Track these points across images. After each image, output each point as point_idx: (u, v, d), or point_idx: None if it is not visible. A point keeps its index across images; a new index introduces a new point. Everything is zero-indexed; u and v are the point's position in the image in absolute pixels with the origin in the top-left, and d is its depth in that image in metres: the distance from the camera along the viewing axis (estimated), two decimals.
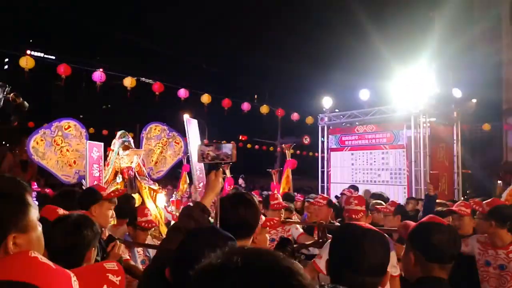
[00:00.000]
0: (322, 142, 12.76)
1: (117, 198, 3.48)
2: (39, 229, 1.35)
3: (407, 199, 8.16)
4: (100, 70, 12.44)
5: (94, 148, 7.01)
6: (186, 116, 9.50)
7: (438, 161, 10.69)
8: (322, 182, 12.55)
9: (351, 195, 5.02)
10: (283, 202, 5.31)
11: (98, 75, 12.16)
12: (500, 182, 15.20)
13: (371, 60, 19.80)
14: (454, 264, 2.06)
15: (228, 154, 2.26)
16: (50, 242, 1.97)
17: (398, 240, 3.75)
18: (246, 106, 15.96)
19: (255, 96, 27.87)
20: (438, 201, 5.15)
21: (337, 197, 8.99)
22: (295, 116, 17.33)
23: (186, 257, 1.54)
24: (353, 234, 1.74)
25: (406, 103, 10.53)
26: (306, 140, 23.48)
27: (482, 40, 17.54)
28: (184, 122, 9.14)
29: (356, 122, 11.99)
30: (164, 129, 8.34)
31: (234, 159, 2.26)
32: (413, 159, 10.17)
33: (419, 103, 10.23)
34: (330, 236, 5.00)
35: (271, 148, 31.17)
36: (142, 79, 15.30)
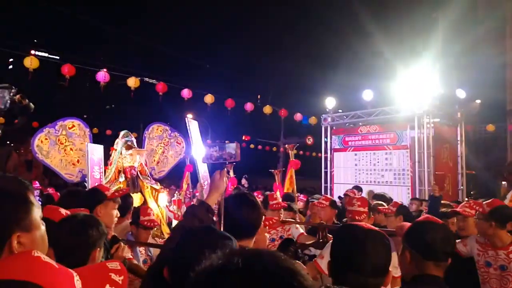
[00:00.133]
0: (325, 143, 12.76)
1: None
2: (43, 227, 1.35)
3: (411, 200, 8.15)
4: (104, 70, 12.45)
5: (94, 150, 7.04)
6: (188, 116, 9.52)
7: (442, 161, 10.67)
8: (325, 182, 12.54)
9: (354, 196, 5.02)
10: (282, 202, 5.35)
11: (102, 75, 12.17)
12: (504, 183, 15.14)
13: (375, 60, 19.76)
14: (453, 265, 2.07)
15: (232, 154, 2.27)
16: (56, 242, 1.98)
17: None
18: (249, 107, 15.95)
19: (258, 96, 27.79)
20: (442, 202, 5.14)
21: (340, 197, 8.98)
22: (298, 116, 17.32)
23: (182, 256, 1.54)
24: (354, 235, 1.74)
25: (409, 104, 10.51)
26: (309, 140, 23.46)
27: (486, 40, 17.45)
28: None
29: (359, 122, 11.98)
30: (166, 129, 8.38)
31: (238, 159, 2.26)
32: (416, 160, 10.15)
33: (423, 104, 10.21)
34: (331, 236, 5.03)
35: (274, 148, 31.15)
36: (146, 79, 15.30)
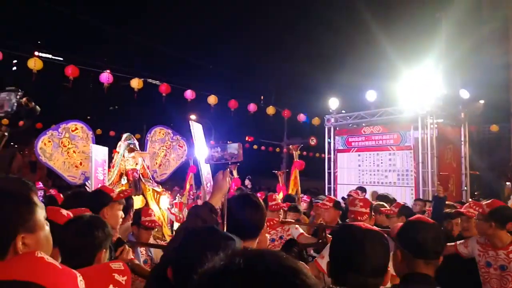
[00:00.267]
0: (329, 143, 12.75)
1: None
2: (47, 228, 1.36)
3: (415, 201, 8.12)
4: (107, 71, 12.48)
5: (98, 151, 7.06)
6: (192, 118, 9.53)
7: (446, 162, 10.64)
8: (329, 183, 12.53)
9: (357, 197, 5.04)
10: (281, 203, 5.44)
11: (106, 77, 12.20)
12: (508, 183, 15.13)
13: (378, 61, 19.71)
14: (455, 266, 2.07)
15: (233, 154, 2.27)
16: (62, 243, 1.98)
17: None
18: (252, 107, 15.96)
19: (262, 97, 27.80)
20: (446, 202, 5.13)
21: (344, 198, 8.97)
22: (302, 117, 17.31)
23: (185, 257, 1.54)
24: (353, 235, 1.75)
25: (413, 104, 10.49)
26: (313, 141, 23.44)
27: (490, 41, 17.42)
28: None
29: (363, 123, 11.97)
30: (168, 132, 8.41)
31: (240, 159, 2.26)
32: (420, 160, 10.13)
33: (426, 104, 10.19)
34: (330, 237, 5.06)
35: (278, 149, 31.13)
36: (149, 80, 15.33)
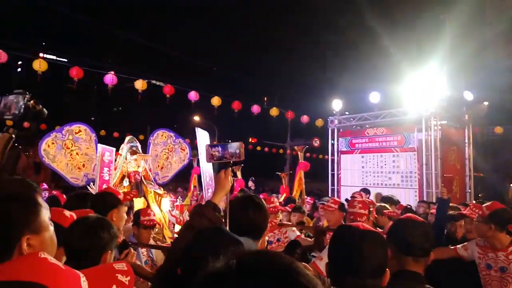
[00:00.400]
0: (332, 145, 12.72)
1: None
2: (51, 228, 1.36)
3: (418, 203, 8.11)
4: (111, 73, 12.53)
5: (106, 152, 7.09)
6: (196, 119, 9.55)
7: (450, 164, 10.60)
8: (332, 185, 12.51)
9: (355, 199, 5.10)
10: (279, 206, 5.72)
11: (110, 78, 12.26)
12: None
13: (382, 62, 19.68)
14: (456, 269, 2.07)
15: (234, 153, 2.27)
16: (68, 244, 1.99)
17: None
18: (256, 109, 15.97)
19: (265, 98, 27.82)
20: (450, 204, 5.12)
21: (347, 200, 8.94)
22: (305, 118, 17.30)
23: (193, 258, 1.55)
24: (351, 236, 1.73)
25: (417, 106, 10.46)
26: (316, 142, 23.42)
27: (494, 43, 17.38)
28: (194, 123, 9.23)
29: (366, 124, 11.95)
30: (170, 135, 8.46)
31: (242, 158, 2.26)
32: (424, 162, 10.09)
33: (430, 106, 10.15)
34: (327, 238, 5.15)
35: (281, 150, 31.13)
36: (153, 82, 15.38)
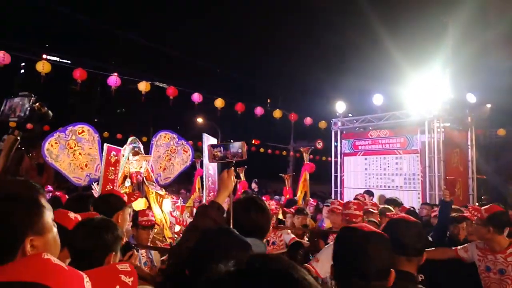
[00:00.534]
0: (335, 147, 12.71)
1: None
2: (55, 230, 1.37)
3: (421, 205, 8.09)
4: (115, 74, 12.55)
5: (112, 152, 7.08)
6: (199, 121, 9.56)
7: (453, 166, 10.58)
8: (335, 187, 12.50)
9: (350, 201, 5.20)
10: (274, 209, 5.88)
11: (113, 80, 12.27)
12: None
13: (385, 64, 19.68)
14: (457, 270, 2.06)
15: (236, 153, 2.27)
16: (71, 244, 2.00)
17: None
18: (259, 111, 15.94)
19: (268, 100, 27.85)
20: (452, 206, 5.11)
21: None
22: (308, 120, 17.28)
23: (200, 257, 1.55)
24: (356, 238, 1.74)
25: (420, 108, 10.47)
26: (319, 144, 23.39)
27: (497, 45, 17.33)
28: (197, 124, 9.25)
29: (369, 127, 11.95)
30: (173, 137, 8.48)
31: (244, 157, 2.26)
32: (427, 164, 10.09)
33: (433, 108, 10.16)
34: (322, 241, 5.25)
35: (284, 152, 31.10)
36: (157, 84, 15.41)
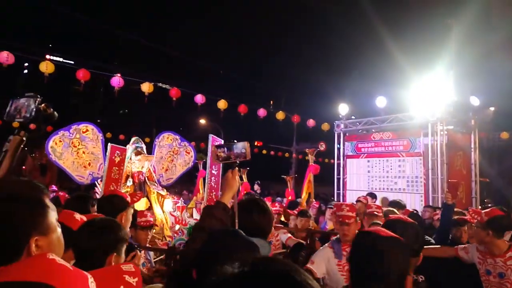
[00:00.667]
0: (338, 149, 12.70)
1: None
2: (59, 230, 1.37)
3: (424, 207, 8.09)
4: (118, 75, 12.59)
5: (116, 151, 7.09)
6: (202, 122, 9.57)
7: (456, 169, 10.56)
8: (338, 189, 12.49)
9: (342, 202, 5.27)
10: (278, 210, 6.23)
11: (116, 80, 12.31)
12: None
13: (388, 67, 19.65)
14: (457, 271, 2.05)
15: (240, 153, 2.27)
16: (75, 244, 2.00)
17: None
18: (262, 112, 15.98)
19: (271, 102, 27.84)
20: (455, 209, 5.10)
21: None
22: (311, 122, 17.30)
23: (206, 259, 1.56)
24: (373, 241, 1.74)
25: (423, 111, 10.45)
26: (322, 146, 23.39)
27: (501, 47, 17.29)
28: (200, 126, 9.26)
29: (372, 129, 11.93)
30: (176, 138, 8.51)
31: (248, 157, 2.26)
32: (430, 167, 10.06)
33: (437, 111, 10.14)
34: (318, 241, 5.35)
35: (287, 154, 31.09)
36: (160, 85, 15.43)
